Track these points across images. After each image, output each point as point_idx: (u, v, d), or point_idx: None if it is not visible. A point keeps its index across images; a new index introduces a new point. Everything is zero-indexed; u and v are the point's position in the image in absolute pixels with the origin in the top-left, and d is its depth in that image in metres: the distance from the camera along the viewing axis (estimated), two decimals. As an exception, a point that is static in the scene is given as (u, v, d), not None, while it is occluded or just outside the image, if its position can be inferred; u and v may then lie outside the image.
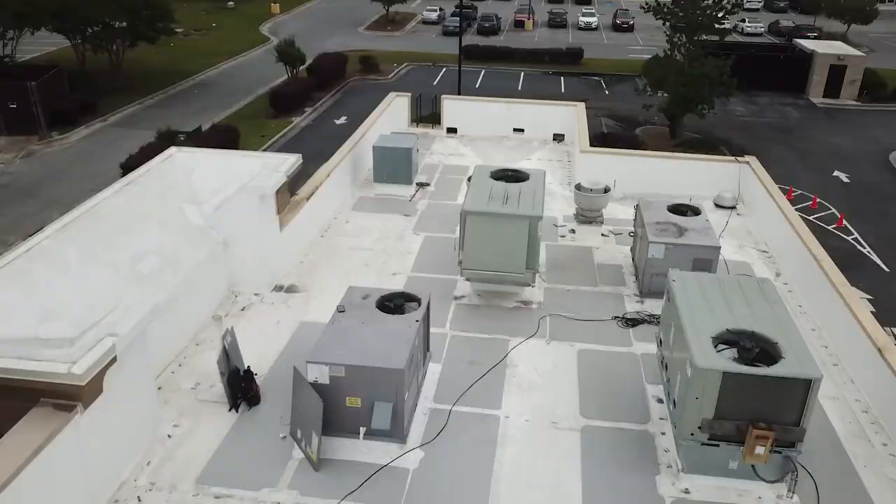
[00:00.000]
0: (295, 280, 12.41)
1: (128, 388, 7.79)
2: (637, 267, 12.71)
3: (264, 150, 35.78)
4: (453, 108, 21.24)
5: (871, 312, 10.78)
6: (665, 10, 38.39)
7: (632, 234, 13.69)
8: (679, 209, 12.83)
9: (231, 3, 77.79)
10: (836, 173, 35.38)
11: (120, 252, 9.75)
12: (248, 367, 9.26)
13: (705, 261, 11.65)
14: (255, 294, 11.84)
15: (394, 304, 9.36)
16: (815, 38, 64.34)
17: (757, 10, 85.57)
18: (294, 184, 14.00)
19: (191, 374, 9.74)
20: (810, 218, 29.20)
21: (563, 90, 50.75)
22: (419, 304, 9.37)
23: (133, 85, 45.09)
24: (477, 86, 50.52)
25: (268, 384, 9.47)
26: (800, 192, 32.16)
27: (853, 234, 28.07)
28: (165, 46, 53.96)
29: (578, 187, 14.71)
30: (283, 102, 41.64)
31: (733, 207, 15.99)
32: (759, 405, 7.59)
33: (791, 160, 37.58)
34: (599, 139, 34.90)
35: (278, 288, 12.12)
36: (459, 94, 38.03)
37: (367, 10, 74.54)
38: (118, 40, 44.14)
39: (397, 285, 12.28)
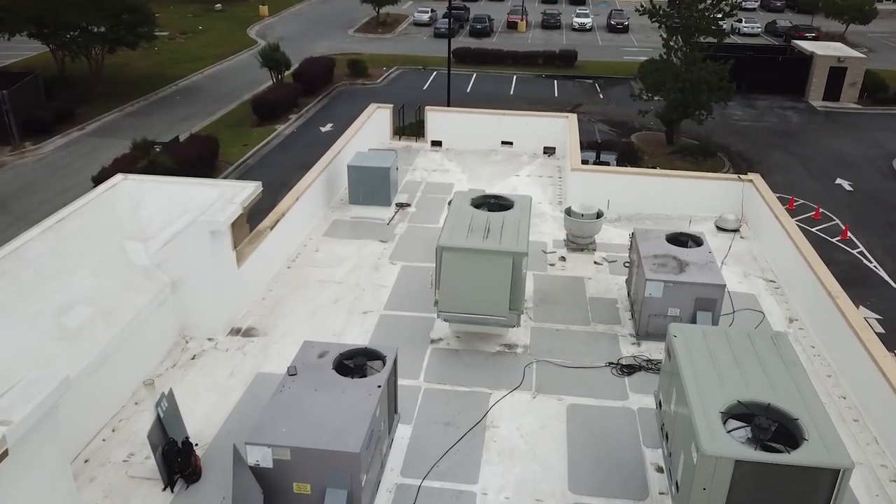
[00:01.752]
0: (255, 321, 11.23)
1: (29, 482, 6.56)
2: (633, 304, 11.54)
3: (246, 159, 34.63)
4: (438, 120, 20.07)
5: (879, 335, 9.67)
6: (661, 12, 37.17)
7: (627, 265, 12.55)
8: (679, 239, 11.68)
9: (219, 5, 76.34)
10: (838, 181, 34.12)
11: (45, 303, 8.56)
12: (187, 437, 8.04)
13: (709, 300, 10.50)
14: (209, 339, 10.67)
15: (354, 363, 8.15)
16: (814, 38, 63.29)
17: (753, 9, 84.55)
18: (267, 202, 12.87)
19: (125, 441, 8.54)
20: (813, 230, 28.04)
21: (556, 94, 49.54)
22: (384, 363, 8.16)
23: (114, 91, 43.66)
24: (468, 90, 49.30)
25: (212, 454, 8.29)
26: (802, 201, 30.93)
27: (858, 248, 26.79)
28: (150, 51, 52.62)
29: (568, 212, 13.53)
30: (267, 109, 40.27)
31: (736, 230, 14.83)
32: (777, 496, 6.42)
33: (792, 166, 36.40)
34: (594, 147, 33.73)
35: (235, 331, 10.94)
36: (449, 99, 36.89)
37: (358, 11, 73.25)
38: (97, 46, 42.73)
39: (368, 325, 11.18)
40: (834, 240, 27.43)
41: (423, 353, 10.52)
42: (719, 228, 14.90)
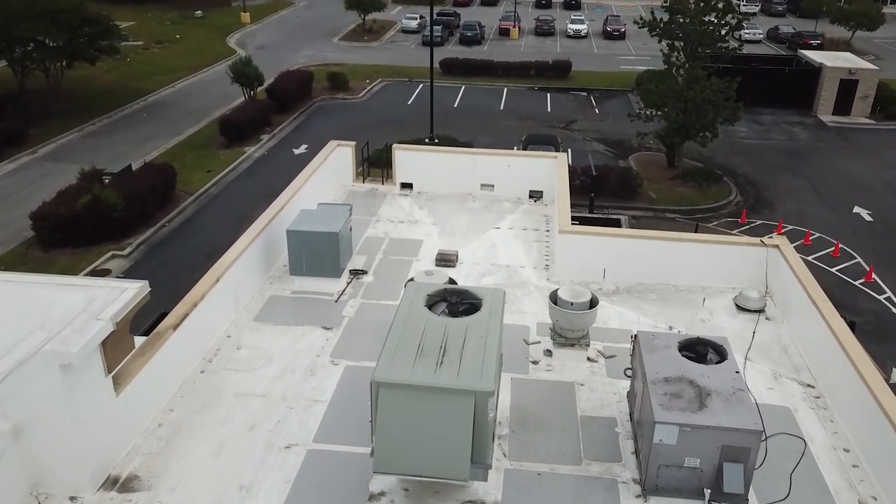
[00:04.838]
0: (139, 464, 8.55)
1: None
2: (637, 435, 8.86)
3: (208, 188, 31.57)
4: (408, 160, 17.39)
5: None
6: (661, 25, 34.30)
7: (628, 373, 9.86)
8: (696, 349, 8.99)
9: (199, 12, 73.30)
10: (856, 209, 31.25)
11: None
12: None
13: (740, 450, 7.79)
14: (71, 499, 7.95)
15: None
16: (819, 45, 60.65)
17: (754, 14, 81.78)
18: (225, 239, 10.06)
19: None
20: (833, 270, 25.28)
21: (549, 109, 46.67)
22: None
23: (75, 108, 40.54)
24: (455, 105, 46.40)
25: None
26: (818, 235, 28.11)
27: (885, 293, 23.95)
28: (120, 62, 49.69)
29: (554, 299, 10.80)
30: (236, 130, 36.97)
31: (761, 311, 12.14)
32: None
33: (804, 192, 33.53)
34: (587, 173, 30.97)
35: (111, 482, 8.27)
36: (432, 118, 34.14)
37: (343, 18, 70.32)
38: (55, 61, 39.72)
39: (288, 470, 8.57)
40: (857, 283, 24.61)
41: (356, 519, 7.84)
42: (740, 308, 12.23)
